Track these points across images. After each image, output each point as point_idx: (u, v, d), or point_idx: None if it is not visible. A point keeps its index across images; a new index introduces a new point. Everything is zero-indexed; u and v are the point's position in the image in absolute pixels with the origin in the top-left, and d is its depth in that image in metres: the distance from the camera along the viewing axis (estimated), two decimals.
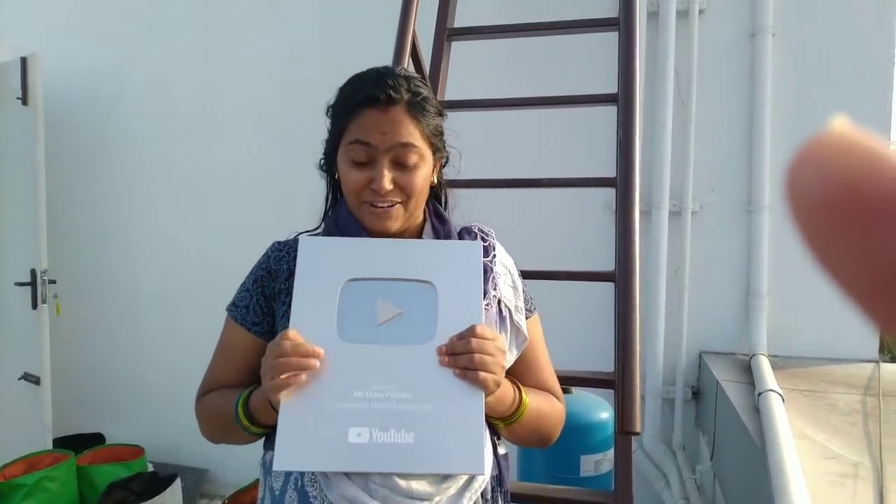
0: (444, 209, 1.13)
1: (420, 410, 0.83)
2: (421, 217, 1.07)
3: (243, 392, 0.97)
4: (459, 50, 2.27)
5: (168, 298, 3.65)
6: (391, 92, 0.96)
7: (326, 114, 1.04)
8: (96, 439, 3.50)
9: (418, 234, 1.06)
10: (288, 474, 0.96)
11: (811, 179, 0.17)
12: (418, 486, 0.90)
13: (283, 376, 0.85)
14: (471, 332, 0.89)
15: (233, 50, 3.50)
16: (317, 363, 0.86)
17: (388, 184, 0.96)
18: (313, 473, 0.92)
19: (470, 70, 2.48)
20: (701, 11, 2.85)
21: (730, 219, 2.86)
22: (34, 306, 3.19)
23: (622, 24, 1.98)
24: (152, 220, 3.69)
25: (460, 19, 2.28)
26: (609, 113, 2.00)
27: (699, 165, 2.87)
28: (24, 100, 3.17)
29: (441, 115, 1.05)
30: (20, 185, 3.26)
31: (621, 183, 1.80)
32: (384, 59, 1.24)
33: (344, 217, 1.03)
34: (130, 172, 3.71)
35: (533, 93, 2.18)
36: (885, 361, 2.75)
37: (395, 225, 0.99)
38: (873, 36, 2.71)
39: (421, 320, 0.89)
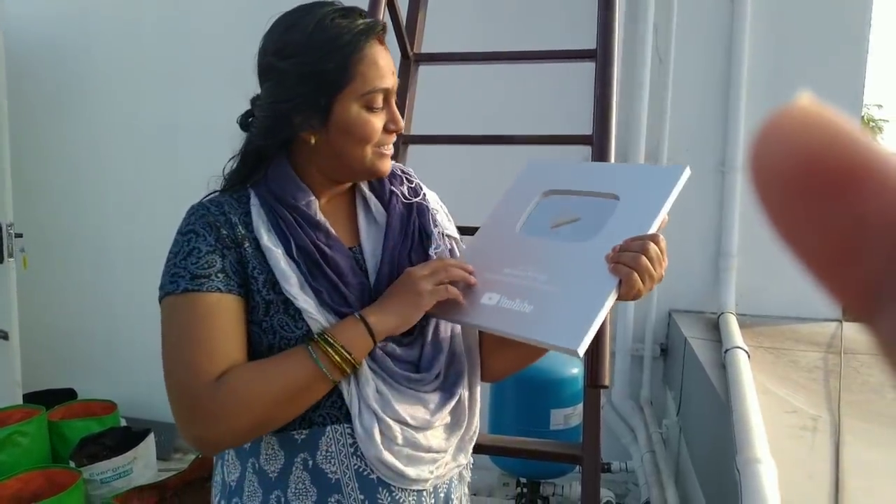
0: None
1: (548, 290, 0.90)
2: None
3: (310, 344, 0.87)
4: (436, 2, 2.22)
5: (139, 251, 3.59)
6: (373, 22, 0.92)
7: (278, 65, 0.90)
8: (67, 395, 3.48)
9: (352, 184, 1.04)
10: (292, 456, 0.91)
11: (774, 151, 0.18)
12: (435, 441, 0.94)
13: (448, 280, 0.92)
14: (653, 237, 0.86)
15: None
16: (471, 278, 0.94)
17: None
18: (328, 450, 0.91)
19: (446, 23, 2.43)
20: None
21: (703, 179, 2.88)
22: (0, 260, 3.12)
23: None
24: (121, 171, 3.61)
25: None
26: (586, 70, 1.98)
27: (675, 125, 2.87)
28: None
29: None
30: None
31: (597, 141, 1.79)
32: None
33: (282, 175, 0.94)
34: (98, 123, 3.62)
35: (510, 48, 2.15)
36: (847, 321, 2.82)
37: None
38: None
39: (592, 226, 0.94)
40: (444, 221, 1.09)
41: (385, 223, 1.00)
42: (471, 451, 1.03)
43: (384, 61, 0.92)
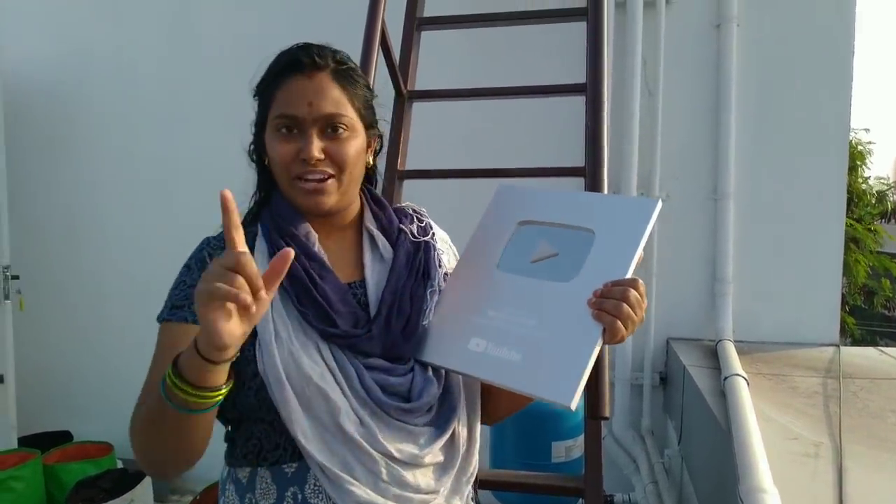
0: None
1: (536, 336, 0.90)
2: (358, 203, 1.06)
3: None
4: (428, 40, 2.26)
5: (135, 292, 3.58)
6: (316, 57, 0.94)
7: (253, 96, 1.00)
8: (64, 437, 3.45)
9: (358, 222, 1.05)
10: (282, 490, 0.91)
11: None
12: (424, 480, 0.92)
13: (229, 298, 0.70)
14: (632, 283, 0.88)
15: (198, 38, 3.45)
16: (247, 298, 0.70)
17: (317, 151, 0.92)
18: (316, 483, 0.90)
19: (438, 60, 2.47)
20: (667, 2, 2.88)
21: (696, 207, 2.90)
22: None
23: (590, 14, 1.99)
24: (118, 212, 3.62)
25: (429, 8, 2.27)
26: (577, 102, 2.02)
27: (666, 154, 2.90)
28: None
29: (370, 90, 1.02)
30: None
31: (590, 172, 1.82)
32: (352, 48, 1.23)
33: (283, 209, 0.98)
34: (95, 164, 3.64)
35: (501, 83, 2.19)
36: (844, 345, 2.82)
37: (330, 200, 0.95)
38: (834, 26, 2.77)
39: (571, 262, 0.95)
40: (450, 261, 1.10)
41: (391, 259, 1.02)
42: (468, 493, 1.00)
43: (303, 90, 0.93)
